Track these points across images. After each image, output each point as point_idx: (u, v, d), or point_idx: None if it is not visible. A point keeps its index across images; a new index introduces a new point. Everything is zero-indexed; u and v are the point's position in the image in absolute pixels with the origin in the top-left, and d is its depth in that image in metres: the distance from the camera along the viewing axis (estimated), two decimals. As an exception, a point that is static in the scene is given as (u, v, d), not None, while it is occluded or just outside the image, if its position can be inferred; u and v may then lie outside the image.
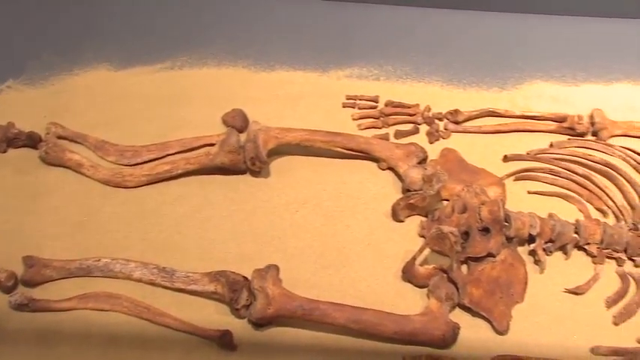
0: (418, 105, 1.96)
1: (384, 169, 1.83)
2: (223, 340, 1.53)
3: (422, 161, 1.80)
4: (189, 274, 1.61)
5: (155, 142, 1.84)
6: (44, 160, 1.81)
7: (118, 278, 1.62)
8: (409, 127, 1.93)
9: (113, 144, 1.85)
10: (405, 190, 1.76)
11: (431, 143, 1.90)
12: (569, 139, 1.90)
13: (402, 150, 1.81)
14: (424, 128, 1.93)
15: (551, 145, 1.89)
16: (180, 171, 1.78)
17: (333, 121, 1.92)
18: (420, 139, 1.89)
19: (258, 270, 1.58)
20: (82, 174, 1.80)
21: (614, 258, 1.68)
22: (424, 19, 2.20)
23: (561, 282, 1.65)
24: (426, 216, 1.74)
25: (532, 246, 1.68)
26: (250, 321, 1.56)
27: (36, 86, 1.99)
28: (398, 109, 1.96)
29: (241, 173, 1.81)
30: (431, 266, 1.64)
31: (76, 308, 1.58)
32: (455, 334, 1.55)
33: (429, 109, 1.95)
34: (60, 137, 1.84)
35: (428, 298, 1.60)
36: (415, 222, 1.74)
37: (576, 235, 1.68)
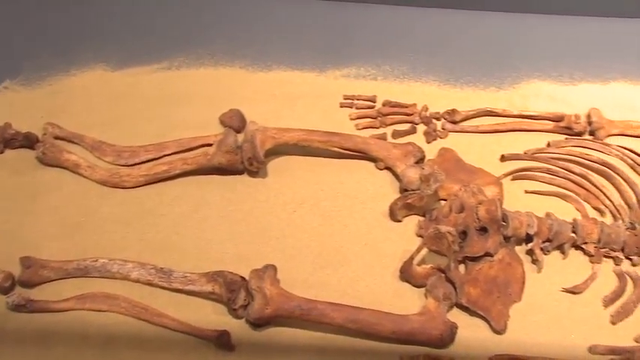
0: (415, 105, 1.96)
1: (382, 169, 1.83)
2: (221, 341, 1.53)
3: (419, 161, 1.80)
4: (186, 275, 1.60)
5: (152, 143, 1.84)
6: (41, 161, 1.81)
7: (116, 279, 1.62)
8: (407, 127, 1.93)
9: (110, 144, 1.85)
10: (403, 190, 1.76)
11: (428, 143, 1.90)
12: (566, 139, 1.90)
13: (400, 150, 1.81)
14: (422, 128, 1.93)
15: (548, 145, 1.89)
16: (177, 171, 1.78)
17: (331, 121, 1.92)
18: (418, 139, 1.89)
19: (255, 270, 1.58)
20: (80, 174, 1.79)
21: (611, 257, 1.68)
22: (421, 19, 2.21)
23: (559, 281, 1.65)
24: (424, 216, 1.74)
25: (530, 245, 1.68)
26: (248, 321, 1.56)
27: (33, 87, 1.99)
28: (395, 109, 1.96)
29: (239, 173, 1.80)
30: (428, 266, 1.64)
31: (74, 309, 1.58)
32: (453, 334, 1.55)
33: (427, 109, 1.95)
34: (57, 138, 1.84)
35: (425, 298, 1.60)
36: (413, 222, 1.75)
37: (574, 235, 1.68)
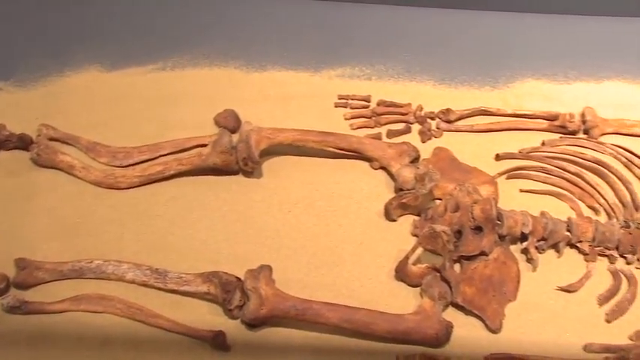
0: (410, 104, 1.96)
1: (377, 169, 1.83)
2: (217, 341, 1.53)
3: (414, 160, 1.80)
4: (182, 275, 1.60)
5: (147, 143, 1.84)
6: (36, 162, 1.80)
7: (111, 280, 1.62)
8: (401, 127, 1.93)
9: (105, 145, 1.84)
10: (398, 190, 1.76)
11: (423, 142, 1.90)
12: (560, 138, 1.91)
13: (395, 149, 1.81)
14: (416, 127, 1.93)
15: (543, 144, 1.89)
16: (172, 172, 1.78)
17: (326, 121, 1.91)
18: (413, 139, 1.89)
19: (251, 270, 1.58)
20: (74, 176, 1.79)
21: (606, 255, 1.69)
22: (416, 19, 2.21)
23: (554, 280, 1.66)
24: (419, 215, 1.74)
25: (524, 244, 1.68)
26: (243, 321, 1.56)
27: (27, 88, 1.98)
28: (390, 109, 1.96)
29: (234, 174, 1.80)
30: (424, 265, 1.64)
31: (69, 310, 1.58)
32: (448, 333, 1.55)
33: (421, 109, 1.95)
34: (51, 139, 1.83)
35: (421, 297, 1.61)
36: (408, 221, 1.75)
37: (568, 233, 1.68)
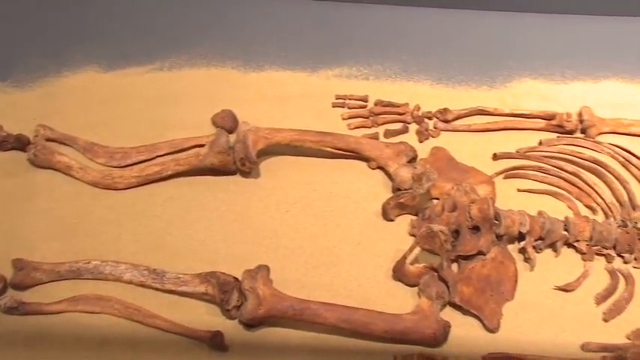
0: (407, 104, 1.96)
1: (374, 169, 1.83)
2: (214, 341, 1.53)
3: (412, 160, 1.80)
4: (179, 276, 1.60)
5: (144, 144, 1.84)
6: (33, 163, 1.80)
7: (109, 280, 1.62)
8: (399, 127, 1.93)
9: (102, 146, 1.84)
10: (395, 189, 1.76)
11: (420, 142, 1.90)
12: (558, 137, 1.91)
13: (392, 149, 1.81)
14: (414, 127, 1.93)
15: (540, 143, 1.90)
16: (170, 172, 1.78)
17: (323, 121, 1.91)
18: (410, 138, 1.89)
19: (248, 270, 1.58)
20: (72, 176, 1.79)
21: (603, 255, 1.69)
22: (413, 19, 2.21)
23: (551, 279, 1.66)
24: (417, 215, 1.74)
25: (522, 244, 1.68)
26: (241, 322, 1.56)
27: (24, 88, 1.98)
28: (387, 109, 1.96)
29: (231, 174, 1.80)
30: (421, 265, 1.64)
31: (67, 311, 1.58)
32: (446, 333, 1.55)
33: (419, 108, 1.95)
34: (49, 139, 1.83)
35: (419, 297, 1.61)
36: (405, 221, 1.75)
37: (566, 233, 1.68)
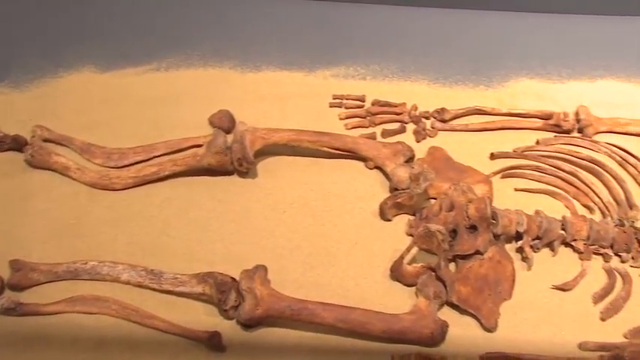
0: (405, 104, 1.96)
1: (372, 169, 1.83)
2: (212, 342, 1.53)
3: (409, 160, 1.80)
4: (177, 276, 1.60)
5: (142, 144, 1.84)
6: (30, 164, 1.80)
7: (106, 281, 1.62)
8: (396, 126, 1.93)
9: (99, 146, 1.84)
10: (393, 189, 1.76)
11: (418, 142, 1.90)
12: (555, 136, 1.91)
13: (389, 149, 1.81)
14: (411, 127, 1.93)
15: (537, 143, 1.90)
16: (167, 172, 1.78)
17: (320, 121, 1.92)
18: (407, 138, 1.89)
19: (246, 271, 1.58)
20: (69, 177, 1.79)
21: (600, 254, 1.69)
22: (410, 19, 2.21)
23: (549, 278, 1.66)
24: (414, 214, 1.74)
25: (519, 243, 1.68)
26: (239, 322, 1.56)
27: (21, 89, 1.98)
28: (385, 108, 1.96)
29: (228, 174, 1.80)
30: (419, 265, 1.65)
31: (64, 312, 1.58)
32: (443, 332, 1.55)
33: (416, 108, 1.95)
34: (46, 140, 1.83)
35: (416, 297, 1.60)
36: (403, 221, 1.75)
37: (563, 232, 1.68)
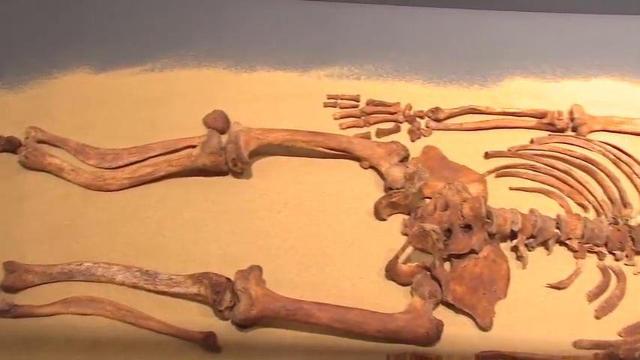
0: (399, 103, 1.97)
1: (366, 168, 1.83)
2: (207, 342, 1.53)
3: (403, 159, 1.80)
4: (172, 277, 1.60)
5: (136, 145, 1.83)
6: (24, 165, 1.80)
7: (101, 282, 1.62)
8: (390, 126, 1.93)
9: (94, 147, 1.84)
10: (387, 189, 1.76)
11: (412, 141, 1.90)
12: (549, 135, 1.91)
13: (384, 148, 1.81)
14: (405, 126, 1.93)
15: (531, 142, 1.90)
16: (162, 173, 1.78)
17: (315, 121, 1.91)
18: (402, 138, 1.89)
19: (241, 271, 1.58)
20: (63, 178, 1.78)
21: (595, 252, 1.69)
22: (404, 18, 2.21)
23: (543, 277, 1.66)
24: (409, 214, 1.74)
25: (514, 242, 1.69)
26: (234, 322, 1.56)
27: (15, 90, 1.97)
28: (379, 108, 1.96)
29: (223, 174, 1.80)
30: (414, 264, 1.65)
31: (59, 313, 1.57)
32: (439, 332, 1.56)
33: (410, 108, 1.95)
34: (40, 141, 1.83)
35: (411, 296, 1.61)
36: (398, 220, 1.75)
37: (557, 231, 1.69)
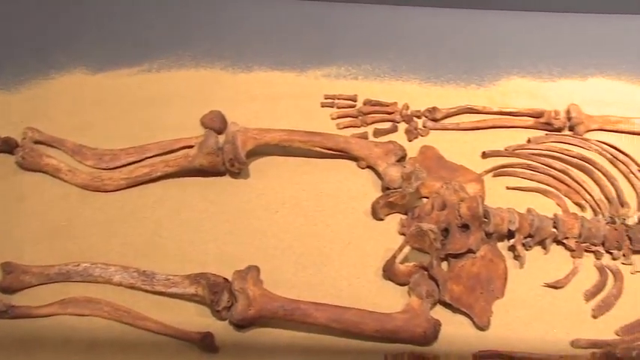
0: (396, 103, 1.96)
1: (364, 168, 1.83)
2: (205, 342, 1.53)
3: (401, 159, 1.80)
4: (169, 277, 1.60)
5: (133, 145, 1.83)
6: (21, 166, 1.79)
7: (98, 283, 1.62)
8: (388, 126, 1.93)
9: (91, 148, 1.83)
10: (385, 189, 1.76)
11: (410, 141, 1.90)
12: (546, 135, 1.91)
13: (381, 148, 1.81)
14: (403, 126, 1.93)
15: (528, 141, 1.90)
16: (159, 174, 1.78)
17: (312, 121, 1.91)
18: (399, 137, 1.89)
19: (238, 271, 1.58)
20: (60, 179, 1.78)
21: (592, 251, 1.70)
22: (401, 18, 2.21)
23: (541, 276, 1.67)
24: (406, 214, 1.74)
25: (511, 241, 1.69)
26: (232, 322, 1.56)
27: (12, 91, 1.97)
28: (376, 108, 1.96)
29: (220, 175, 1.80)
30: (411, 264, 1.65)
31: (56, 314, 1.57)
32: (436, 331, 1.56)
33: (408, 107, 1.95)
34: (37, 142, 1.82)
35: (409, 296, 1.61)
36: (395, 220, 1.75)
37: (555, 230, 1.69)
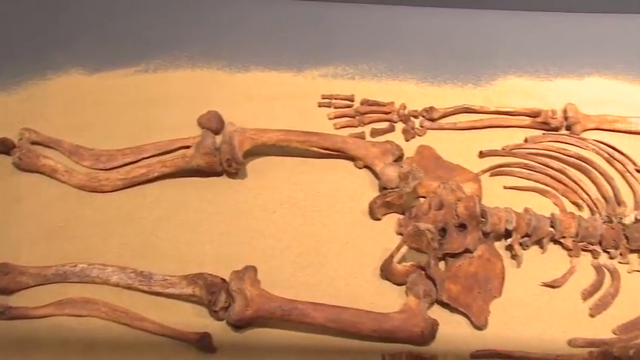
0: (393, 103, 1.97)
1: (361, 168, 1.83)
2: (202, 343, 1.53)
3: (398, 159, 1.80)
4: (166, 278, 1.60)
5: (130, 146, 1.83)
6: (18, 167, 1.79)
7: (96, 283, 1.62)
8: (385, 126, 1.93)
9: (88, 148, 1.83)
10: (382, 188, 1.76)
11: (407, 141, 1.90)
12: (543, 134, 1.91)
13: (378, 148, 1.81)
14: (400, 126, 1.93)
15: (525, 140, 1.90)
16: (156, 174, 1.78)
17: (309, 121, 1.91)
18: (396, 137, 1.89)
19: (236, 271, 1.58)
20: (57, 179, 1.78)
21: (589, 251, 1.70)
22: (398, 18, 2.21)
23: (538, 276, 1.67)
24: (403, 213, 1.75)
25: (509, 241, 1.69)
26: (229, 323, 1.56)
27: (8, 92, 1.97)
28: (373, 108, 1.96)
29: (218, 175, 1.80)
30: (409, 263, 1.65)
31: (54, 315, 1.57)
32: (434, 331, 1.56)
33: (405, 107, 1.96)
34: (34, 143, 1.82)
35: (406, 296, 1.61)
36: (392, 220, 1.75)
37: (552, 229, 1.69)
